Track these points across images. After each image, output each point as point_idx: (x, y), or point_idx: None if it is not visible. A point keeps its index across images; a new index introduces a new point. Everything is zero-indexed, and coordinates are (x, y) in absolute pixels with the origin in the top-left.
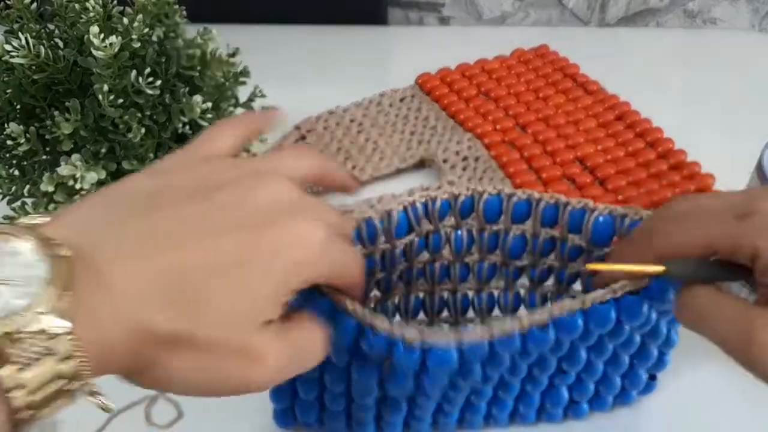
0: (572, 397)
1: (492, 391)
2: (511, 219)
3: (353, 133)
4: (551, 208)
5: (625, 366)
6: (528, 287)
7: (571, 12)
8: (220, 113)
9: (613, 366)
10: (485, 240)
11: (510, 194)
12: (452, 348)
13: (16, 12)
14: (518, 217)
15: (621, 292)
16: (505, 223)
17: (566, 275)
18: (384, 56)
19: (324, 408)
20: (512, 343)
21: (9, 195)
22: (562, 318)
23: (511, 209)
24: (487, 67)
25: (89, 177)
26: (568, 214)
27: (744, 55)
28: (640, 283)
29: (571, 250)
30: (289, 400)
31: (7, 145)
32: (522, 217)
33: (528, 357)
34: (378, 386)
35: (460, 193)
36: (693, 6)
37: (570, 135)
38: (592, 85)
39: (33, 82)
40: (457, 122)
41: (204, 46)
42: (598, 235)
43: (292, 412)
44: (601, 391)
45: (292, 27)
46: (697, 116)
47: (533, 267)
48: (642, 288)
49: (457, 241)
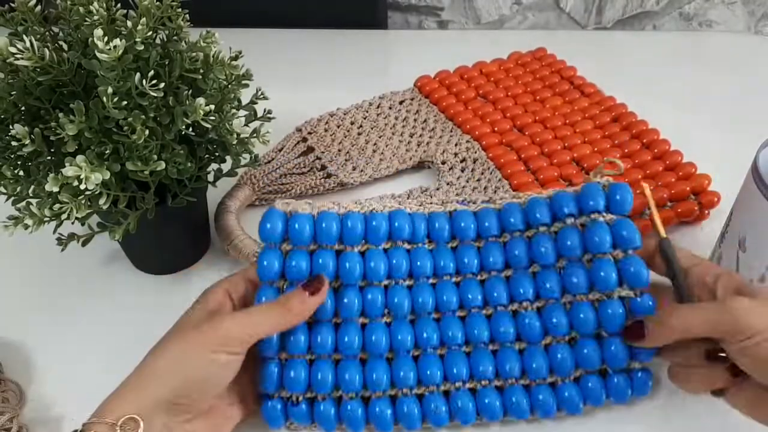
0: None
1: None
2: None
3: (353, 134)
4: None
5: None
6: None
7: (568, 15)
8: (222, 115)
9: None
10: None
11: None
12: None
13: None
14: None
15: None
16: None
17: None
18: (384, 59)
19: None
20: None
21: (14, 195)
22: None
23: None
24: (485, 69)
25: (94, 178)
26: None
27: (740, 58)
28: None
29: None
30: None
31: (12, 146)
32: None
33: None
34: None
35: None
36: (689, 9)
37: (567, 137)
38: (589, 87)
39: (38, 84)
40: (455, 124)
41: (207, 49)
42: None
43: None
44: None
45: (294, 31)
46: (693, 118)
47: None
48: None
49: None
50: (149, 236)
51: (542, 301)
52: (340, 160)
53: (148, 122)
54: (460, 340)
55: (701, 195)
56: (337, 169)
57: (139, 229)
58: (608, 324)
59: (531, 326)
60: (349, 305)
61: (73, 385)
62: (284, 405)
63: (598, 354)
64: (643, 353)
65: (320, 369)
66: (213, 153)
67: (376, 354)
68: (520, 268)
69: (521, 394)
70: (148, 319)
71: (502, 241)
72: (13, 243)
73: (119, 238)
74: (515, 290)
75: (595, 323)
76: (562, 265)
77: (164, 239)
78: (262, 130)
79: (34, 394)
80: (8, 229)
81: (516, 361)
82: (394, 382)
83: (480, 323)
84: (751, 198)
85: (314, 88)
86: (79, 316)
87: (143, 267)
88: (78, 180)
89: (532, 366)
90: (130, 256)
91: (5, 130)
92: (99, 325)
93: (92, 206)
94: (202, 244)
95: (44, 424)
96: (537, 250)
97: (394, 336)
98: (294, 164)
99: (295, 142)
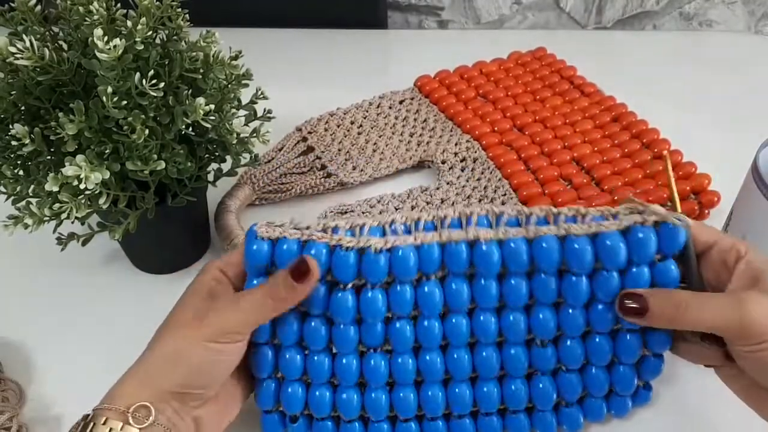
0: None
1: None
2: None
3: (353, 134)
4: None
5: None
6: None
7: (568, 15)
8: (222, 115)
9: (598, 356)
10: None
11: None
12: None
13: (21, 14)
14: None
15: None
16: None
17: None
18: (384, 59)
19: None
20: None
21: (14, 195)
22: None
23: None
24: (485, 69)
25: (93, 177)
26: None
27: (740, 58)
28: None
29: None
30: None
31: (12, 145)
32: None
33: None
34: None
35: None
36: (689, 9)
37: (567, 136)
38: (589, 87)
39: (37, 84)
40: (455, 124)
41: (207, 49)
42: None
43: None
44: (589, 387)
45: (294, 30)
46: (693, 118)
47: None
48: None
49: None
50: (149, 236)
51: (560, 331)
52: (340, 160)
53: (148, 122)
54: (468, 371)
55: (701, 194)
56: (337, 168)
57: (139, 228)
58: (624, 355)
59: (546, 358)
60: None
61: (73, 385)
62: (282, 419)
63: (607, 378)
64: (657, 343)
65: (318, 391)
66: (213, 153)
67: (377, 384)
68: (544, 303)
69: (523, 417)
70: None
71: (526, 275)
72: (13, 243)
73: (119, 237)
74: (536, 323)
75: (610, 351)
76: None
77: (164, 239)
78: (262, 130)
79: (34, 393)
80: (8, 228)
81: (524, 391)
82: (393, 406)
83: (490, 354)
84: (751, 198)
85: (314, 88)
86: (79, 316)
87: (143, 267)
88: (78, 179)
89: (540, 392)
90: (130, 255)
91: (5, 130)
92: (99, 324)
93: (92, 206)
94: (202, 243)
95: (44, 423)
96: (569, 290)
97: (396, 366)
98: (294, 164)
99: (295, 141)
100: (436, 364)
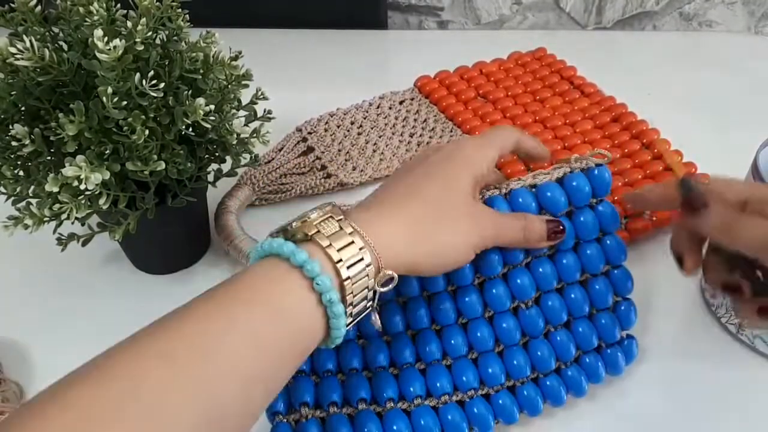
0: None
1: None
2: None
3: (354, 134)
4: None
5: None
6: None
7: (568, 15)
8: (222, 116)
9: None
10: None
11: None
12: None
13: (21, 15)
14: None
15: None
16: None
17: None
18: (384, 59)
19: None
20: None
21: (14, 195)
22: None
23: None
24: (485, 69)
25: (94, 178)
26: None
27: (740, 58)
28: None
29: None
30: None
31: (12, 146)
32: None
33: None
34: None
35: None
36: (689, 9)
37: (567, 136)
38: (589, 87)
39: (37, 84)
40: (455, 124)
41: (207, 49)
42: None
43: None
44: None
45: (294, 31)
46: (693, 118)
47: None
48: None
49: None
50: (149, 236)
51: (539, 292)
52: (340, 160)
53: (148, 122)
54: (465, 351)
55: None
56: (337, 169)
57: (139, 229)
58: (598, 301)
59: (533, 320)
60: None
61: None
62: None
63: (592, 329)
64: (614, 255)
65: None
66: (213, 153)
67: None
68: (517, 264)
69: (532, 389)
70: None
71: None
72: (13, 243)
73: (119, 238)
74: (515, 288)
75: (587, 303)
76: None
77: (164, 239)
78: (262, 130)
79: (34, 393)
80: (8, 229)
81: (524, 359)
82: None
83: (484, 328)
84: None
85: (314, 89)
86: (79, 316)
87: (143, 267)
88: (78, 180)
89: (538, 358)
90: (130, 256)
91: (5, 130)
92: (99, 325)
93: (92, 206)
94: (202, 244)
95: None
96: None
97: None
98: (294, 164)
99: (295, 142)
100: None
